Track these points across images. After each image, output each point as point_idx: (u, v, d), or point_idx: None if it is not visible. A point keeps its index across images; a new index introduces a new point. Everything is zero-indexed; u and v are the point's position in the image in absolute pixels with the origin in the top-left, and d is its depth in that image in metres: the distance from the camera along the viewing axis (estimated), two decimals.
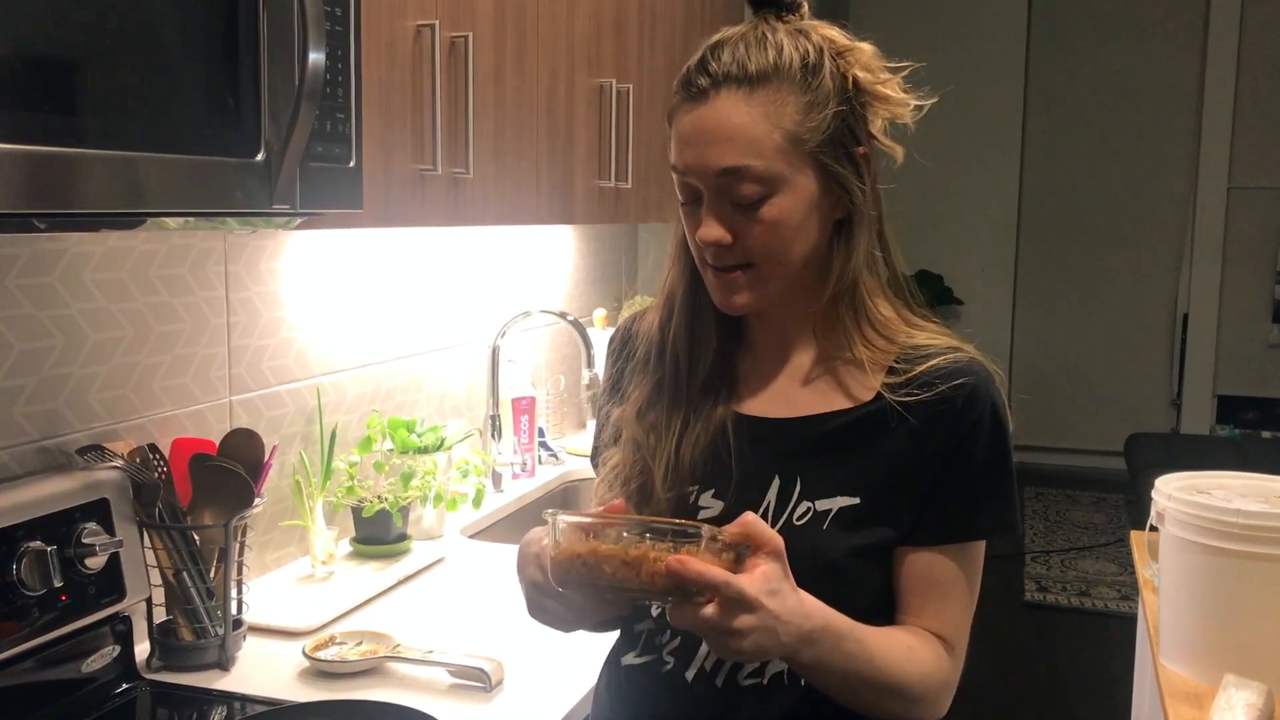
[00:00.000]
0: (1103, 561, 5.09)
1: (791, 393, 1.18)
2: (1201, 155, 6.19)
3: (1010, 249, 6.62)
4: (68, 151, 0.94)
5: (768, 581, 0.94)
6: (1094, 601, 4.59)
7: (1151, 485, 1.71)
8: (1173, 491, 1.66)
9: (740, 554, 0.97)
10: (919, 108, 1.15)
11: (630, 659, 1.21)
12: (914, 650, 1.10)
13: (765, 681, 1.12)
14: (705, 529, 0.95)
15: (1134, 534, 2.34)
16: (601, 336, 2.75)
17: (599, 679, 1.30)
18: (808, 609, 0.99)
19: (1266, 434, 6.11)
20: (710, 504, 1.16)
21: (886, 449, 1.12)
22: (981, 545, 1.16)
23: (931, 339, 1.16)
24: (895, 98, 1.14)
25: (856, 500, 1.11)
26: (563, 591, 0.99)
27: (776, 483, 1.14)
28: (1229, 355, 6.26)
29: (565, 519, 0.98)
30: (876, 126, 1.15)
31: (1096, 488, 6.22)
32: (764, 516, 1.12)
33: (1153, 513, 1.70)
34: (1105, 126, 6.44)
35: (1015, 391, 6.83)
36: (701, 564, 0.91)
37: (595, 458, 1.33)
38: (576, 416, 2.94)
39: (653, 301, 1.28)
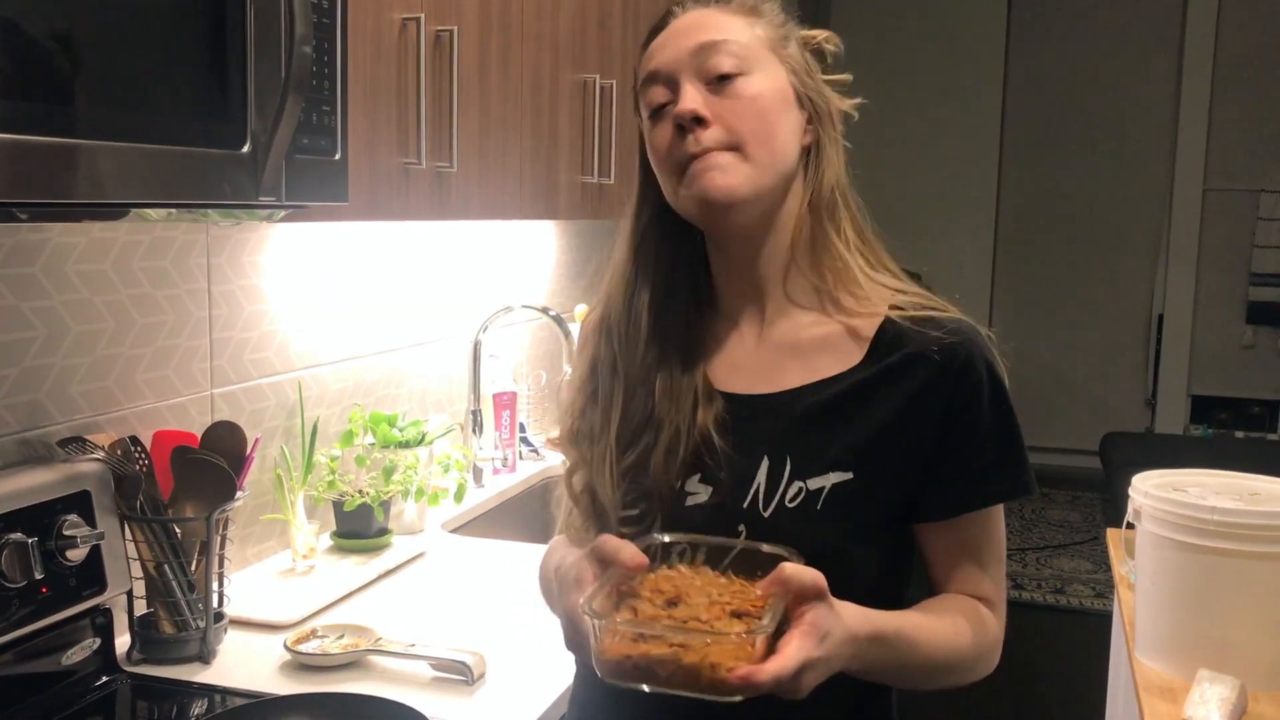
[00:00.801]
0: (1078, 559, 5.13)
1: (770, 363, 1.13)
2: (1177, 157, 6.25)
3: (988, 248, 6.66)
4: (51, 141, 0.93)
5: (817, 631, 0.91)
6: (1069, 599, 4.63)
7: (1126, 484, 1.73)
8: (1149, 489, 1.68)
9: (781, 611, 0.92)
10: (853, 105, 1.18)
11: None
12: (959, 625, 1.09)
13: None
14: (751, 624, 0.90)
15: (1110, 531, 2.36)
16: None
17: (576, 674, 1.27)
18: (854, 630, 0.95)
19: (1240, 434, 6.18)
20: (698, 489, 1.11)
21: (878, 418, 1.08)
22: (1001, 506, 1.15)
23: (918, 300, 1.12)
24: (833, 91, 1.16)
25: (850, 475, 1.07)
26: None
27: (766, 464, 1.09)
28: (1203, 356, 6.32)
29: (623, 626, 0.90)
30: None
31: (1072, 486, 6.27)
32: (754, 501, 1.08)
33: (1129, 510, 1.72)
34: (1082, 128, 6.49)
35: None
36: (766, 669, 0.86)
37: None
38: (558, 412, 2.94)
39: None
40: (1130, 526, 1.76)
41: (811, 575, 0.92)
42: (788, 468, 1.08)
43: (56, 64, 0.94)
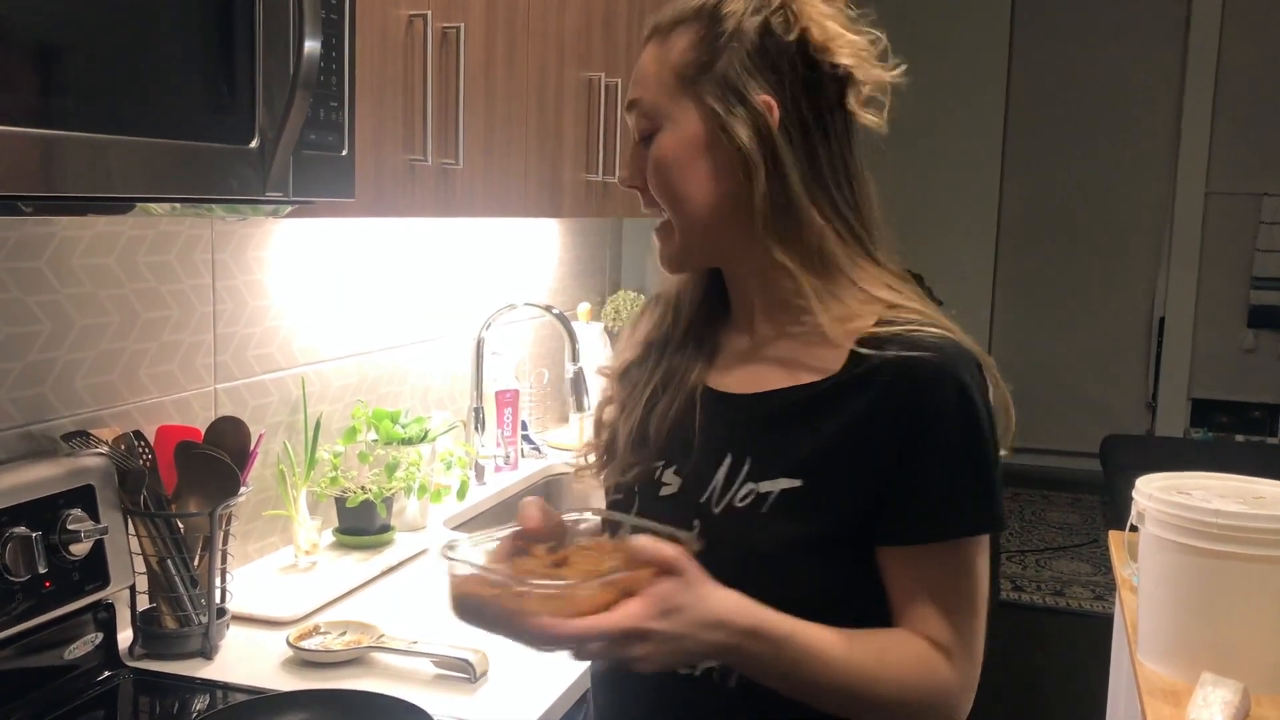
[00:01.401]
0: (1077, 562, 5.13)
1: (760, 367, 1.13)
2: (1180, 160, 6.25)
3: (990, 250, 6.66)
4: (57, 134, 0.93)
5: (658, 605, 0.91)
6: (1068, 601, 4.62)
7: (1127, 487, 1.73)
8: (1154, 491, 1.67)
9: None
10: (889, 78, 1.11)
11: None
12: (886, 653, 1.02)
13: (697, 674, 1.07)
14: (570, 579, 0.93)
15: (1112, 534, 2.36)
16: (585, 331, 2.75)
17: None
18: (721, 616, 0.94)
19: (1240, 437, 6.17)
20: (671, 480, 1.12)
21: (835, 428, 1.04)
22: (973, 543, 1.05)
23: (912, 316, 1.07)
24: (844, 61, 1.08)
25: (799, 483, 1.04)
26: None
27: (728, 461, 1.08)
28: (1204, 359, 6.32)
29: (459, 559, 0.96)
30: (851, 97, 1.10)
31: (1072, 489, 6.27)
32: (709, 497, 1.08)
33: (1133, 512, 1.72)
34: (1086, 130, 6.48)
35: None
36: (572, 623, 0.89)
37: None
38: (560, 410, 2.94)
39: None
40: (1133, 529, 1.76)
41: (666, 550, 0.93)
42: (745, 468, 1.08)
43: (63, 57, 0.94)
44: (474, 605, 0.94)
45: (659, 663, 0.92)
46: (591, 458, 1.24)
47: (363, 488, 1.89)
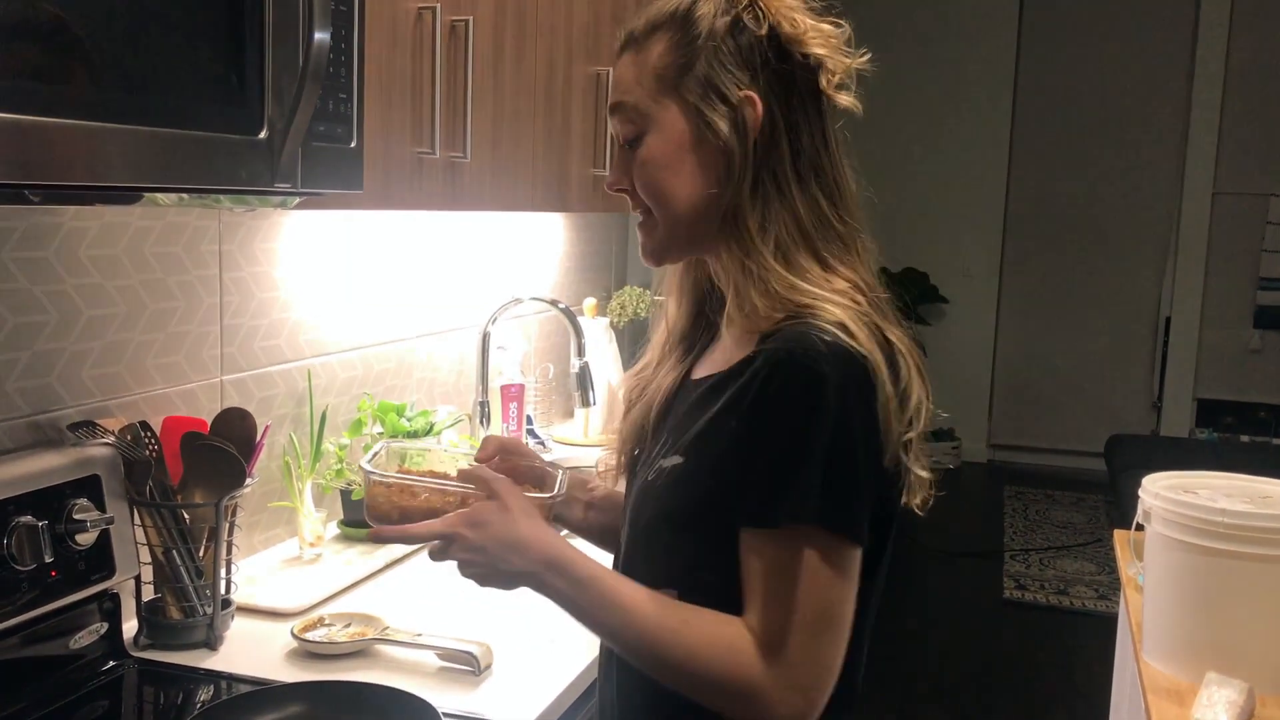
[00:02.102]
0: (1081, 561, 5.12)
1: (719, 356, 1.18)
2: (1187, 160, 6.24)
3: (996, 249, 6.66)
4: (65, 123, 0.93)
5: (469, 517, 1.09)
6: (1072, 600, 4.62)
7: (1132, 486, 1.73)
8: (1160, 490, 1.67)
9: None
10: (853, 65, 1.11)
11: None
12: (691, 624, 1.04)
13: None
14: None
15: (1117, 533, 2.36)
16: (591, 325, 2.75)
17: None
18: (522, 541, 1.08)
19: (1245, 438, 6.16)
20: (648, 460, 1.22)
21: (714, 412, 1.09)
22: (799, 537, 1.01)
23: (821, 313, 1.04)
24: (815, 51, 1.09)
25: (680, 460, 1.11)
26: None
27: (664, 439, 1.17)
28: (1210, 359, 6.31)
29: (365, 463, 1.20)
30: (823, 82, 1.10)
31: (1076, 488, 6.26)
32: (641, 471, 1.19)
33: (1139, 511, 1.72)
34: (1093, 130, 6.47)
35: (998, 390, 6.88)
36: (398, 530, 1.12)
37: None
38: (565, 405, 2.94)
39: None
40: (1139, 528, 1.76)
41: (490, 476, 1.13)
42: (664, 445, 1.17)
43: (71, 46, 0.94)
44: (369, 499, 1.18)
45: (475, 573, 1.09)
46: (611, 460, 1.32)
47: None
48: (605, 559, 1.21)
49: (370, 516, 1.16)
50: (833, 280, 1.08)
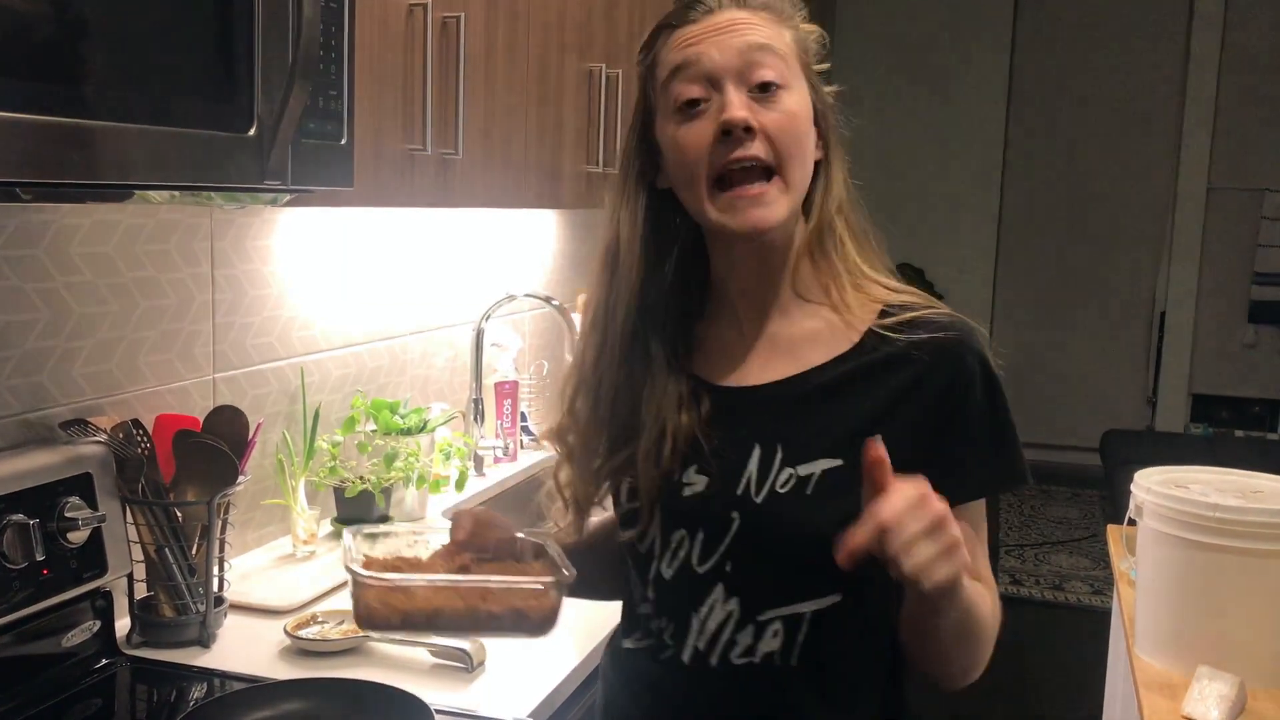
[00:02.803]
0: (1076, 556, 5.13)
1: (766, 357, 1.15)
2: (1182, 155, 6.24)
3: (991, 244, 6.65)
4: (55, 120, 0.93)
5: (922, 485, 0.91)
6: (1067, 595, 4.63)
7: (1126, 481, 1.73)
8: (1152, 485, 1.68)
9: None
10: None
11: (630, 643, 1.19)
12: (985, 593, 1.09)
13: (757, 660, 1.10)
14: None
15: (1111, 528, 2.36)
16: None
17: (602, 662, 1.28)
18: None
19: (1240, 433, 6.17)
20: (694, 480, 1.13)
21: (867, 406, 1.09)
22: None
23: (913, 298, 1.14)
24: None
25: (839, 462, 1.07)
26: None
27: (757, 452, 1.10)
28: (1205, 354, 6.31)
29: (346, 545, 1.07)
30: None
31: (1071, 483, 6.27)
32: (746, 488, 1.09)
33: (1131, 506, 1.72)
34: (1087, 125, 6.47)
35: None
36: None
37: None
38: (552, 404, 2.93)
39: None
40: (1132, 523, 1.76)
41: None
42: (778, 455, 1.10)
43: (61, 43, 0.94)
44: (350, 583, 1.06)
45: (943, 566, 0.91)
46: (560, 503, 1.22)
47: (361, 478, 1.89)
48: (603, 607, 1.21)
49: (365, 624, 1.03)
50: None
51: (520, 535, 1.13)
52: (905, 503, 0.90)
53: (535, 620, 1.02)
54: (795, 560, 1.08)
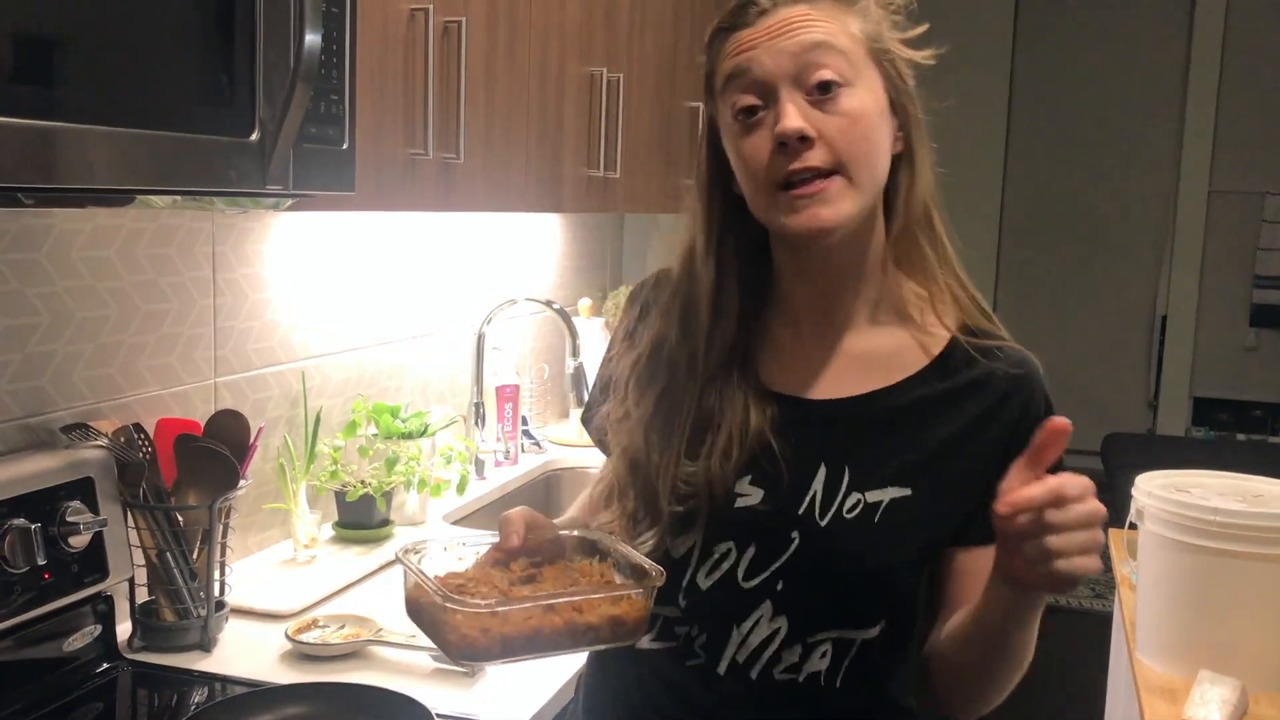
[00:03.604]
0: None
1: (833, 370, 1.10)
2: (1183, 159, 6.23)
3: (992, 247, 6.65)
4: (58, 126, 0.93)
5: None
6: (1068, 599, 4.62)
7: (1128, 485, 1.73)
8: (1153, 489, 1.67)
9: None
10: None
11: (646, 643, 1.13)
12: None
13: (801, 679, 1.08)
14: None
15: (1112, 531, 2.36)
16: (586, 326, 2.75)
17: (590, 661, 1.27)
18: None
19: (1241, 436, 6.16)
20: (749, 491, 1.08)
21: (940, 435, 1.06)
22: None
23: (985, 326, 1.11)
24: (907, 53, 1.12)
25: (908, 492, 1.05)
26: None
27: (823, 472, 1.07)
28: (1206, 358, 6.31)
29: (409, 565, 1.01)
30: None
31: None
32: (810, 508, 1.06)
33: (1132, 510, 1.72)
34: (1088, 128, 6.47)
35: None
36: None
37: (587, 415, 1.26)
38: (560, 405, 2.94)
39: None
40: (1133, 527, 1.76)
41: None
42: (846, 478, 1.07)
43: (64, 49, 0.94)
44: (416, 609, 1.00)
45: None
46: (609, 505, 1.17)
47: (362, 482, 1.89)
48: None
49: (463, 655, 0.94)
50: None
51: (565, 533, 1.08)
52: (1082, 486, 0.90)
53: (631, 625, 0.97)
54: (853, 587, 1.06)
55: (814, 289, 1.12)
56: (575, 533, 1.09)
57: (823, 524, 1.06)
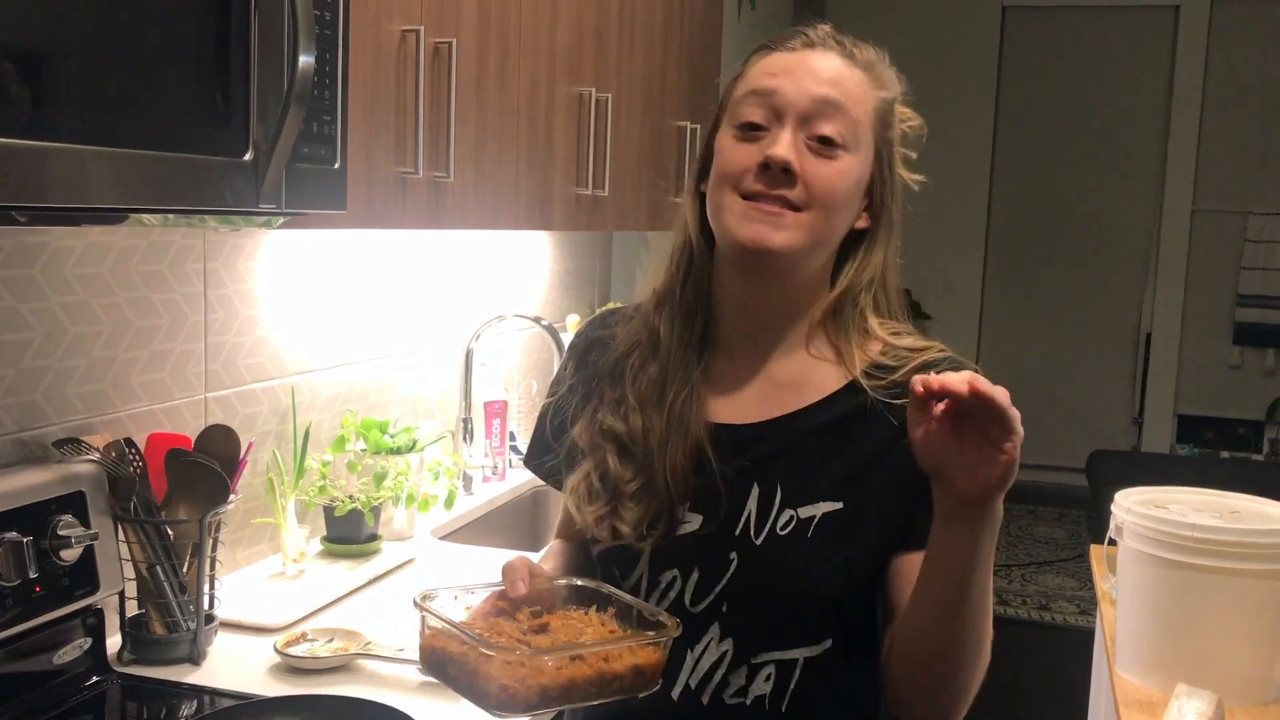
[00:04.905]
0: (1063, 576, 5.15)
1: (764, 395, 1.15)
2: (1167, 178, 6.30)
3: (978, 265, 6.70)
4: (52, 146, 0.94)
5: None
6: (1054, 615, 4.65)
7: (1111, 502, 1.75)
8: (1131, 505, 1.70)
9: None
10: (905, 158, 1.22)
11: None
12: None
13: (748, 702, 1.10)
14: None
15: (1093, 547, 2.38)
16: None
17: None
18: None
19: (1225, 453, 6.21)
20: (689, 518, 1.12)
21: (867, 449, 1.10)
22: None
23: (914, 342, 1.15)
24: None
25: (839, 505, 1.09)
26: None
27: (756, 491, 1.11)
28: (1190, 375, 6.36)
29: (433, 612, 0.98)
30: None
31: (1058, 503, 6.29)
32: (745, 529, 1.09)
33: (1112, 526, 1.74)
34: (1073, 147, 6.53)
35: None
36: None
37: (532, 461, 1.31)
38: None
39: (617, 305, 1.24)
40: (1112, 543, 1.78)
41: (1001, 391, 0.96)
42: (779, 496, 1.10)
43: (58, 69, 0.95)
44: (440, 660, 0.97)
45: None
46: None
47: (351, 497, 1.91)
48: None
49: (502, 709, 0.92)
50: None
51: (561, 582, 1.09)
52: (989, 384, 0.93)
53: (649, 675, 0.98)
54: (792, 604, 1.09)
55: (751, 323, 1.17)
56: (577, 581, 1.10)
57: (758, 542, 1.09)
